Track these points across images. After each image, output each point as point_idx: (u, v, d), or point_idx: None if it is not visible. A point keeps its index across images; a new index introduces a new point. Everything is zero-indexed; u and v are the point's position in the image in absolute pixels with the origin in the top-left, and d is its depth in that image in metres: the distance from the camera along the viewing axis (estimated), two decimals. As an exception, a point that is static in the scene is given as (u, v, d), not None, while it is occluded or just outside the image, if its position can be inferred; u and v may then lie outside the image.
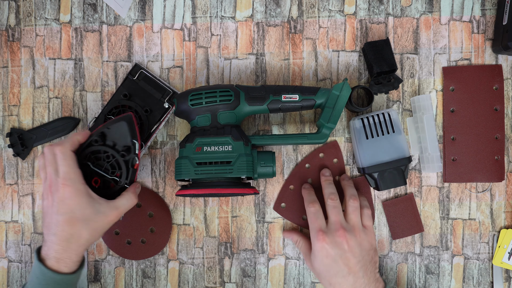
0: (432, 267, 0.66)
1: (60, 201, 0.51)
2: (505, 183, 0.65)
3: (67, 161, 0.52)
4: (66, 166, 0.52)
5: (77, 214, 0.51)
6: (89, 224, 0.52)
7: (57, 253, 0.52)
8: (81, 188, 0.52)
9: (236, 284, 0.66)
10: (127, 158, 0.57)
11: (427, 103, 0.64)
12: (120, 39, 0.66)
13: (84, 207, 0.51)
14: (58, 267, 0.52)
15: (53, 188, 0.52)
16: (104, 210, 0.53)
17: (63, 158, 0.52)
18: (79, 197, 0.51)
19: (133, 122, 0.58)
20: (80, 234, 0.52)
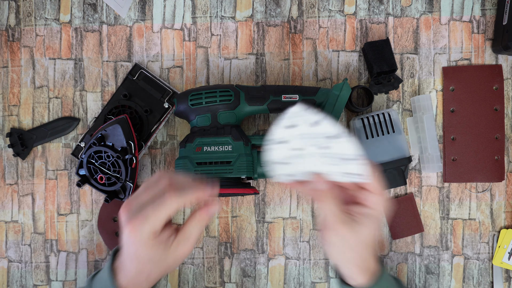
0: (432, 267, 0.65)
1: (127, 240, 0.45)
2: (505, 183, 0.65)
3: (160, 212, 0.43)
4: (153, 215, 0.43)
5: (144, 260, 0.46)
6: (158, 265, 0.46)
7: (126, 278, 0.47)
8: (148, 242, 0.44)
9: (236, 284, 0.66)
10: (125, 158, 0.60)
11: (427, 103, 0.64)
12: (120, 39, 0.66)
13: (151, 255, 0.45)
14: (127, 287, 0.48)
15: (127, 222, 0.44)
16: (175, 250, 0.46)
17: (160, 205, 0.43)
18: (144, 248, 0.45)
19: (127, 124, 0.60)
20: (149, 273, 0.47)
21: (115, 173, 0.61)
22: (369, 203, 0.47)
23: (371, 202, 0.47)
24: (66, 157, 0.67)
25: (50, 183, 0.67)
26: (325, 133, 0.46)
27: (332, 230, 0.47)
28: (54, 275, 0.67)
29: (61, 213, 0.67)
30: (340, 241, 0.48)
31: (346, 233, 0.47)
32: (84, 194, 0.67)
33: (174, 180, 0.45)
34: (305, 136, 0.47)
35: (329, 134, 0.46)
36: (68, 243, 0.67)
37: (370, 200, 0.47)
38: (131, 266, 0.47)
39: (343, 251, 0.49)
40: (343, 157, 0.46)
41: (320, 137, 0.46)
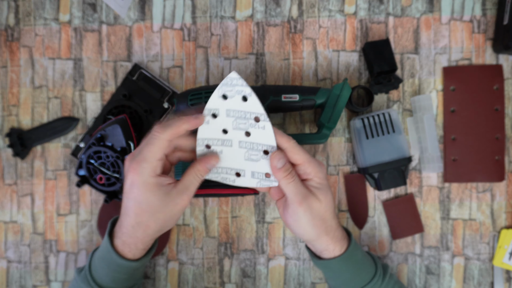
0: (432, 268, 0.65)
1: (130, 185, 0.48)
2: (505, 183, 0.65)
3: (153, 147, 0.47)
4: (148, 152, 0.47)
5: (143, 205, 0.48)
6: (156, 216, 0.48)
7: (124, 235, 0.50)
8: (149, 181, 0.47)
9: (236, 284, 0.66)
10: (124, 158, 0.60)
11: (428, 103, 0.64)
12: (120, 39, 0.66)
13: (150, 200, 0.48)
14: (123, 250, 0.51)
15: (129, 167, 0.48)
16: (174, 198, 0.48)
17: (152, 143, 0.47)
18: (145, 189, 0.47)
19: (127, 124, 0.60)
20: (147, 224, 0.49)
21: (114, 173, 0.61)
22: (308, 174, 0.50)
23: (309, 172, 0.50)
24: (65, 157, 0.66)
25: (49, 183, 0.66)
26: (250, 112, 0.49)
27: (300, 205, 0.50)
28: (53, 276, 0.66)
29: (60, 213, 0.66)
30: (310, 214, 0.50)
31: (314, 203, 0.50)
32: (84, 195, 0.66)
33: (162, 122, 0.49)
34: (232, 113, 0.50)
35: (253, 113, 0.49)
36: (68, 244, 0.66)
37: (306, 171, 0.50)
38: (129, 220, 0.49)
39: (314, 223, 0.51)
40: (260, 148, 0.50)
41: (245, 117, 0.49)
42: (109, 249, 0.51)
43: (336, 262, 0.53)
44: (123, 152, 0.60)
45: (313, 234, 0.52)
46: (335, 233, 0.53)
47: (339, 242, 0.53)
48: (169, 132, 0.47)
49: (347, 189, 0.65)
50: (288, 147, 0.49)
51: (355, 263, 0.54)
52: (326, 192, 0.51)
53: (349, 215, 0.66)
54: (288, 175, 0.49)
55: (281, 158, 0.49)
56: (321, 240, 0.52)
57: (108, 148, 0.60)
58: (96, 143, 0.60)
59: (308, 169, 0.50)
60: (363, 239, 0.66)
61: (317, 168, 0.51)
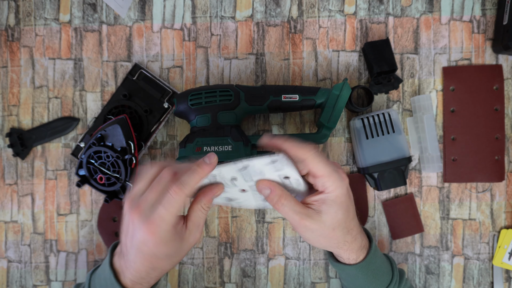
0: (432, 267, 0.65)
1: (142, 243, 0.45)
2: (505, 183, 0.65)
3: (171, 208, 0.44)
4: (165, 212, 0.43)
5: (160, 256, 0.46)
6: (172, 260, 0.47)
7: (135, 277, 0.48)
8: (166, 237, 0.44)
9: (236, 284, 0.66)
10: (124, 158, 0.60)
11: (427, 103, 0.64)
12: (120, 39, 0.66)
13: (167, 251, 0.46)
14: (133, 287, 0.48)
15: (139, 222, 0.44)
16: (187, 239, 0.47)
17: (170, 203, 0.44)
18: (162, 245, 0.45)
19: (127, 124, 0.60)
20: (163, 268, 0.48)
21: (114, 173, 0.61)
22: (326, 188, 0.47)
23: (327, 186, 0.47)
24: (65, 157, 0.66)
25: (49, 183, 0.67)
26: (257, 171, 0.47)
27: (299, 227, 0.48)
28: (53, 275, 0.67)
29: (60, 213, 0.66)
30: (312, 233, 0.48)
31: (311, 226, 0.47)
32: (84, 194, 0.66)
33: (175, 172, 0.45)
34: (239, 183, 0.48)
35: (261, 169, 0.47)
36: (68, 243, 0.66)
37: (325, 185, 0.47)
38: (143, 266, 0.47)
39: (320, 240, 0.49)
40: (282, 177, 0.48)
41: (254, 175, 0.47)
42: (114, 284, 0.48)
43: (351, 268, 0.52)
44: (123, 152, 0.60)
45: (323, 247, 0.51)
46: (351, 246, 0.51)
47: (355, 253, 0.51)
48: (187, 191, 0.44)
49: (347, 189, 0.65)
50: (307, 158, 0.46)
51: (372, 271, 0.53)
52: (336, 210, 0.47)
53: (349, 215, 0.66)
54: (278, 202, 0.47)
55: (264, 187, 0.47)
56: (333, 251, 0.52)
57: (108, 148, 0.60)
58: (96, 143, 0.60)
59: (327, 183, 0.47)
60: (363, 239, 0.66)
61: (337, 183, 0.47)
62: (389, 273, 0.55)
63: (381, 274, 0.54)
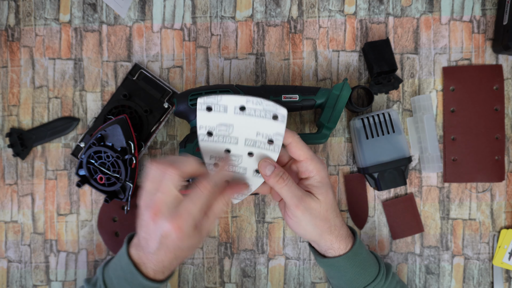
0: (432, 267, 0.65)
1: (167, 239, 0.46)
2: (505, 183, 0.65)
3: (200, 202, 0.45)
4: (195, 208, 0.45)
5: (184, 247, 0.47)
6: (191, 249, 0.49)
7: (157, 267, 0.49)
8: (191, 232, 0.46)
9: (236, 284, 0.66)
10: (124, 158, 0.60)
11: (427, 103, 0.64)
12: (120, 39, 0.66)
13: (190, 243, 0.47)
14: (154, 276, 0.49)
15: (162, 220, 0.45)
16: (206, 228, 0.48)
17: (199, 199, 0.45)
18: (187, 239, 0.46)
19: (127, 124, 0.60)
20: (185, 256, 0.50)
21: (114, 173, 0.61)
22: (310, 171, 0.49)
23: (311, 170, 0.49)
24: (65, 157, 0.66)
25: (49, 183, 0.67)
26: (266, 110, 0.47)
27: (297, 207, 0.49)
28: (53, 275, 0.67)
29: (60, 213, 0.66)
30: (309, 214, 0.49)
31: (312, 204, 0.49)
32: (84, 194, 0.66)
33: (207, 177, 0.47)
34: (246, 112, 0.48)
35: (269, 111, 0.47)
36: (68, 243, 0.66)
37: (309, 169, 0.49)
38: (166, 257, 0.48)
39: (315, 223, 0.50)
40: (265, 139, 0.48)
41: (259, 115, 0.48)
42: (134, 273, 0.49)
43: (340, 260, 0.53)
44: (123, 152, 0.60)
45: (316, 234, 0.51)
46: (340, 232, 0.52)
47: (344, 241, 0.53)
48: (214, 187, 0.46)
49: (347, 189, 0.65)
50: (292, 142, 0.48)
51: (360, 262, 0.54)
52: (326, 190, 0.50)
53: (349, 215, 0.66)
54: (280, 180, 0.48)
55: (268, 165, 0.48)
56: (325, 239, 0.52)
57: (108, 148, 0.60)
58: (96, 143, 0.60)
59: (310, 166, 0.49)
60: (363, 239, 0.66)
61: (319, 166, 0.50)
62: (376, 265, 0.55)
63: (369, 265, 0.54)
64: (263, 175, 0.49)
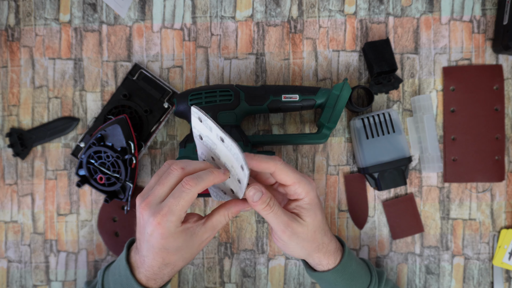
0: (432, 267, 0.65)
1: (151, 235, 0.45)
2: (505, 183, 0.65)
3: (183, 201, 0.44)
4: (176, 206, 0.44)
5: (170, 250, 0.46)
6: (184, 255, 0.48)
7: (148, 273, 0.48)
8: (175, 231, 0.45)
9: (236, 284, 0.66)
10: (124, 158, 0.60)
11: (428, 103, 0.64)
12: (120, 39, 0.66)
13: (177, 245, 0.46)
14: (147, 283, 0.49)
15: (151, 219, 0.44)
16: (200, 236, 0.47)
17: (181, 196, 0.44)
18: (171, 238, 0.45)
19: (127, 124, 0.60)
20: (175, 263, 0.48)
21: (114, 173, 0.61)
22: (298, 194, 0.49)
23: (299, 193, 0.49)
24: (65, 157, 0.66)
25: (49, 183, 0.67)
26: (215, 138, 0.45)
27: (286, 232, 0.48)
28: (53, 275, 0.67)
29: (60, 213, 0.66)
30: (296, 238, 0.49)
31: (298, 229, 0.49)
32: (84, 194, 0.66)
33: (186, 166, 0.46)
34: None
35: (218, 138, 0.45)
36: (68, 243, 0.66)
37: (297, 192, 0.49)
38: (155, 260, 0.47)
39: (302, 245, 0.50)
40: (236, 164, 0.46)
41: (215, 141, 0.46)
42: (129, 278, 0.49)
43: (329, 274, 0.53)
44: (123, 152, 0.60)
45: (304, 254, 0.52)
46: (328, 248, 0.52)
47: (332, 256, 0.53)
48: (200, 187, 0.44)
49: (347, 189, 0.65)
50: (276, 170, 0.47)
51: (350, 274, 0.54)
52: (315, 212, 0.49)
53: (349, 215, 0.66)
54: (266, 207, 0.47)
55: (256, 192, 0.46)
56: (313, 257, 0.53)
57: (108, 148, 0.60)
58: (96, 143, 0.60)
59: (299, 189, 0.48)
60: (363, 239, 0.66)
61: (308, 187, 0.49)
62: (367, 275, 0.55)
63: (359, 276, 0.55)
64: (249, 201, 0.47)
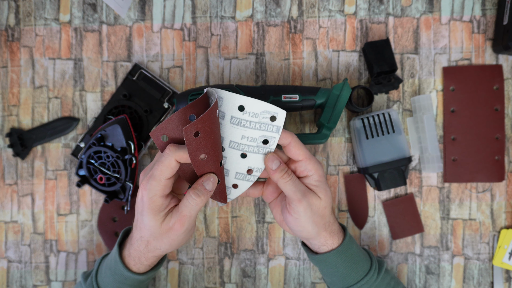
0: (432, 267, 0.65)
1: (140, 200, 0.48)
2: (505, 183, 0.65)
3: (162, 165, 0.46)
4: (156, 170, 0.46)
5: (145, 222, 0.48)
6: (154, 235, 0.49)
7: (131, 248, 0.52)
8: (154, 200, 0.47)
9: (236, 284, 0.66)
10: (124, 158, 0.60)
11: (428, 103, 0.64)
12: (120, 39, 0.66)
13: (149, 219, 0.48)
14: (128, 262, 0.52)
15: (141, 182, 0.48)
16: (168, 222, 0.48)
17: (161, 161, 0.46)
18: (148, 208, 0.47)
19: (127, 124, 0.60)
20: (148, 240, 0.50)
21: (114, 173, 0.61)
22: (309, 170, 0.51)
23: (309, 169, 0.51)
24: (65, 157, 0.66)
25: (49, 183, 0.67)
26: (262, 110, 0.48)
27: (300, 202, 0.50)
28: (53, 275, 0.67)
29: (60, 213, 0.66)
30: (310, 211, 0.50)
31: (313, 201, 0.50)
32: (84, 195, 0.66)
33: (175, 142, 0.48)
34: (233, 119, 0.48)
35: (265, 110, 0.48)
36: (68, 244, 0.66)
37: (307, 168, 0.50)
38: (135, 233, 0.50)
39: (313, 219, 0.51)
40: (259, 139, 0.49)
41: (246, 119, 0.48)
42: (116, 259, 0.52)
43: (332, 255, 0.53)
44: (123, 152, 0.60)
45: (313, 231, 0.52)
46: (333, 227, 0.54)
47: (336, 236, 0.54)
48: (179, 153, 0.45)
49: (347, 189, 0.65)
50: (291, 142, 0.49)
51: (351, 257, 0.54)
52: (325, 189, 0.52)
53: (349, 215, 0.66)
54: (285, 174, 0.49)
55: (275, 159, 0.49)
56: (320, 236, 0.53)
57: (108, 148, 0.60)
58: (96, 143, 0.60)
59: (309, 165, 0.50)
60: (363, 239, 0.66)
61: (317, 165, 0.51)
62: (367, 260, 0.56)
63: (360, 260, 0.55)
64: (268, 169, 0.50)
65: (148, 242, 0.50)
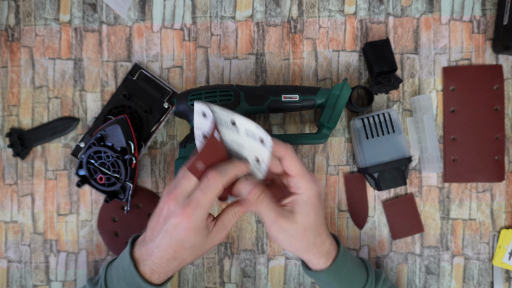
0: (432, 268, 0.65)
1: (175, 227, 0.46)
2: (505, 183, 0.65)
3: (210, 194, 0.45)
4: (204, 199, 0.45)
5: (186, 244, 0.47)
6: (195, 252, 0.48)
7: (154, 265, 0.48)
8: (200, 225, 0.46)
9: (236, 284, 0.66)
10: (124, 158, 0.60)
11: (428, 103, 0.64)
12: (120, 39, 0.66)
13: (194, 240, 0.47)
14: (151, 277, 0.49)
15: (180, 210, 0.45)
16: (213, 237, 0.48)
17: (208, 190, 0.45)
18: (194, 232, 0.46)
19: (127, 124, 0.60)
20: (184, 259, 0.49)
21: (114, 173, 0.61)
22: (298, 188, 0.49)
23: (299, 187, 0.49)
24: (65, 157, 0.66)
25: (49, 183, 0.67)
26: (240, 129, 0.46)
27: (273, 227, 0.49)
28: (53, 275, 0.67)
29: (60, 213, 0.66)
30: (284, 234, 0.49)
31: (285, 225, 0.48)
32: (84, 195, 0.66)
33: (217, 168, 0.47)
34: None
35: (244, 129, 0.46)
36: (68, 244, 0.66)
37: (298, 185, 0.49)
38: (166, 252, 0.47)
39: (291, 242, 0.50)
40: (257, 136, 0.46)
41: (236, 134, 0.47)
42: (132, 273, 0.49)
43: (322, 274, 0.53)
44: (123, 152, 0.60)
45: (292, 250, 0.52)
46: (320, 249, 0.52)
47: (324, 256, 0.52)
48: (226, 179, 0.46)
49: (347, 189, 0.66)
50: (285, 155, 0.48)
51: (344, 274, 0.54)
52: (308, 211, 0.49)
53: (349, 215, 0.66)
54: (258, 198, 0.48)
55: (246, 185, 0.48)
56: (303, 256, 0.53)
57: (108, 148, 0.60)
58: (96, 143, 0.60)
59: (300, 183, 0.48)
60: (363, 239, 0.66)
61: (309, 185, 0.49)
62: (363, 275, 0.55)
63: (354, 276, 0.54)
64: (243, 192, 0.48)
65: (184, 260, 0.48)
